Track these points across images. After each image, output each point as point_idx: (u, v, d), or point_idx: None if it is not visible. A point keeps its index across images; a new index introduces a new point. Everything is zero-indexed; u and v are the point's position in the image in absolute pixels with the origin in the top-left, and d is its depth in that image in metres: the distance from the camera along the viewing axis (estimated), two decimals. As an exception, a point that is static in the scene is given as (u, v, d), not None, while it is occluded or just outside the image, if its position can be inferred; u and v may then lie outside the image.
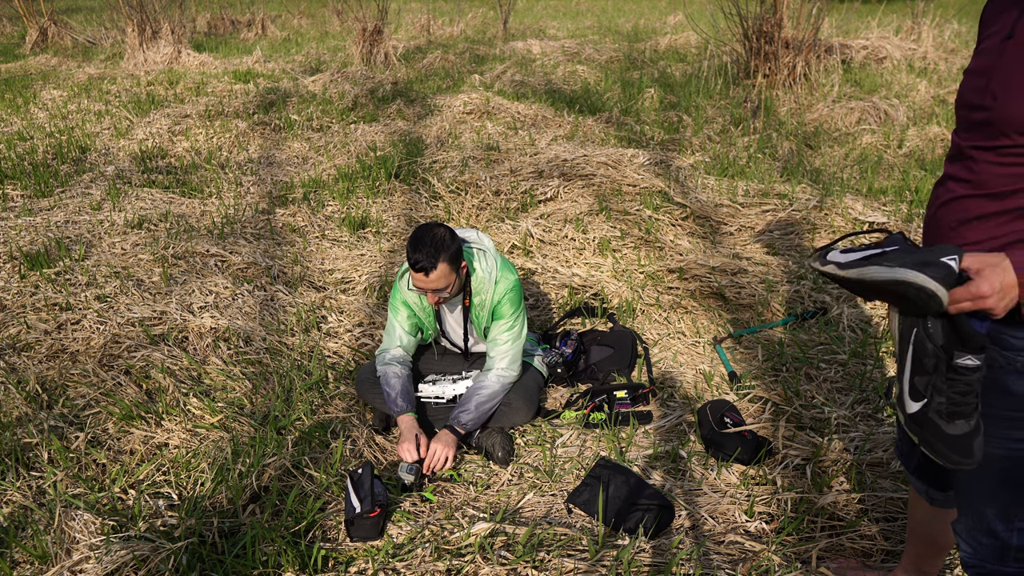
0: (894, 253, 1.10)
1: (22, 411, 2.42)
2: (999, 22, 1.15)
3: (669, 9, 16.29)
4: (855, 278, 1.12)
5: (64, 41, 11.56)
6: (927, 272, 1.04)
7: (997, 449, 1.20)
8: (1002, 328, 1.13)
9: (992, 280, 1.03)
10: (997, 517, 1.25)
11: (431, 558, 1.88)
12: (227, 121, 6.29)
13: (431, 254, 2.15)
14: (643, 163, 4.53)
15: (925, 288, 1.04)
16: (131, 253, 3.61)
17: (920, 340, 1.12)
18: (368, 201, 4.47)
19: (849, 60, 8.00)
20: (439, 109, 6.48)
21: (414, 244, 2.16)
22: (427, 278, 2.17)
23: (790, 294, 3.24)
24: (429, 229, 2.19)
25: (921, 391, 1.14)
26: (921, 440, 1.16)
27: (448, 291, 2.26)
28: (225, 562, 1.83)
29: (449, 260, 2.18)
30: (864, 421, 2.40)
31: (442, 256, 2.16)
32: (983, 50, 1.17)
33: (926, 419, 1.15)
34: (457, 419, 2.30)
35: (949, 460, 1.12)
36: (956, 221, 1.19)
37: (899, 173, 4.80)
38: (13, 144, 5.57)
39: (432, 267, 2.15)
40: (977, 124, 1.16)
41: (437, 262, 2.16)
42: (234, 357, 2.78)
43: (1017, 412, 1.16)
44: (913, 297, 1.06)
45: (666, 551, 1.90)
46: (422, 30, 12.67)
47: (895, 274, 1.07)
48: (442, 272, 2.18)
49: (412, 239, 2.18)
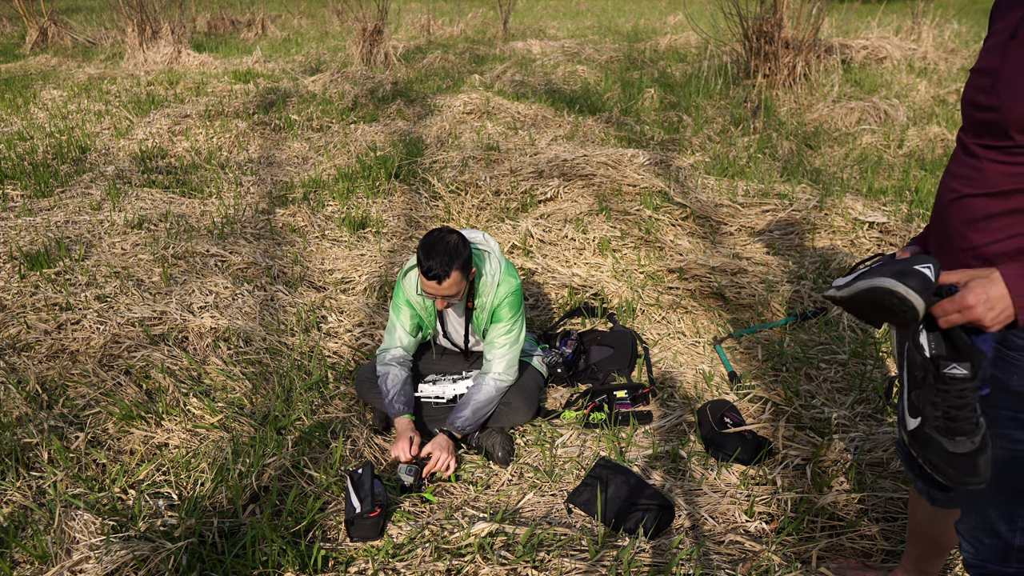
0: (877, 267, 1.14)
1: (22, 411, 2.42)
2: (1005, 19, 1.14)
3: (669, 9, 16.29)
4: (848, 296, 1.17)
5: (64, 41, 11.56)
6: (902, 280, 1.07)
7: (1000, 450, 1.19)
8: (1007, 328, 1.13)
9: (978, 291, 1.05)
10: (1000, 518, 1.24)
11: (431, 558, 1.88)
12: (227, 121, 6.29)
13: (444, 262, 2.13)
14: (643, 163, 4.53)
15: (896, 292, 1.07)
16: (131, 253, 3.61)
17: (911, 353, 1.14)
18: (368, 201, 4.47)
19: (849, 60, 8.00)
20: (439, 109, 6.48)
21: (427, 251, 2.14)
22: (440, 286, 2.17)
23: (790, 294, 3.24)
24: (442, 236, 2.17)
25: (917, 406, 1.14)
26: (923, 459, 1.15)
27: (458, 297, 2.26)
28: (225, 562, 1.83)
29: (461, 268, 2.18)
30: (864, 421, 2.39)
31: (455, 264, 2.15)
32: (989, 48, 1.16)
33: (926, 436, 1.15)
34: (453, 423, 2.30)
35: (952, 479, 1.12)
36: (961, 222, 1.18)
37: (899, 173, 4.80)
38: (13, 144, 5.57)
39: (446, 275, 2.14)
40: (982, 123, 1.15)
41: (451, 271, 2.14)
42: (234, 357, 2.78)
43: (1018, 412, 1.15)
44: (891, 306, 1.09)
45: (666, 551, 1.90)
46: (422, 30, 12.67)
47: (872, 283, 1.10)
48: (454, 280, 2.17)
49: (424, 246, 2.15)
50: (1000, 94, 1.10)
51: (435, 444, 2.24)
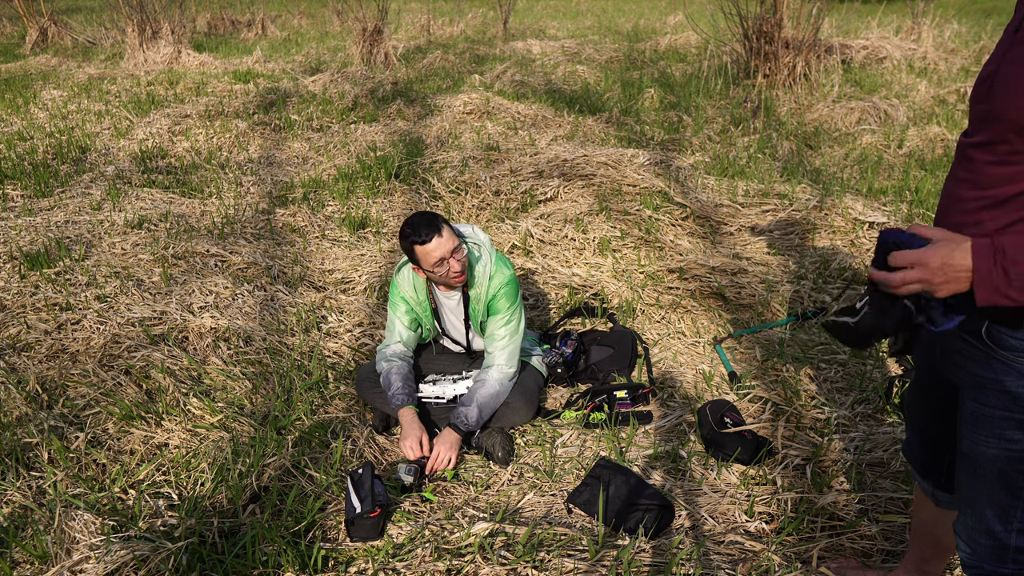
0: None
1: (22, 411, 2.42)
2: (1018, 11, 1.13)
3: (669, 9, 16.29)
4: None
5: (64, 41, 11.56)
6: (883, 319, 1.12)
7: (993, 449, 1.19)
8: (1002, 328, 1.12)
9: (943, 252, 1.02)
10: (996, 518, 1.24)
11: (431, 558, 1.88)
12: (227, 121, 6.29)
13: (430, 220, 2.23)
14: (643, 163, 4.53)
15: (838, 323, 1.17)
16: (131, 253, 3.61)
17: None
18: (368, 201, 4.47)
19: (849, 60, 8.00)
20: (439, 109, 6.48)
21: (412, 226, 2.23)
22: (442, 238, 2.22)
23: (790, 294, 3.24)
24: (414, 213, 2.30)
25: None
26: None
27: (464, 253, 2.29)
28: (225, 562, 1.83)
29: (446, 223, 2.27)
30: (864, 421, 2.39)
31: (439, 219, 2.25)
32: (1000, 40, 1.15)
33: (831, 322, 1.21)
34: (460, 417, 2.30)
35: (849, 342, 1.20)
36: (955, 221, 1.17)
37: (899, 173, 4.80)
38: (13, 144, 5.57)
39: (439, 228, 2.22)
40: (979, 117, 1.13)
41: (439, 223, 2.23)
42: (234, 357, 2.78)
43: (1012, 412, 1.15)
44: None
45: (666, 551, 1.90)
46: (422, 30, 12.67)
47: None
48: (448, 232, 2.25)
49: (406, 227, 2.24)
50: (996, 89, 1.10)
51: (440, 440, 2.26)
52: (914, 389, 1.47)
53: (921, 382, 1.43)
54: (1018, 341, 1.11)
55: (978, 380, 1.19)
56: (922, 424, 1.47)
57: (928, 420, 1.45)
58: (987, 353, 1.16)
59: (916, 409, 1.49)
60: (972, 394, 1.21)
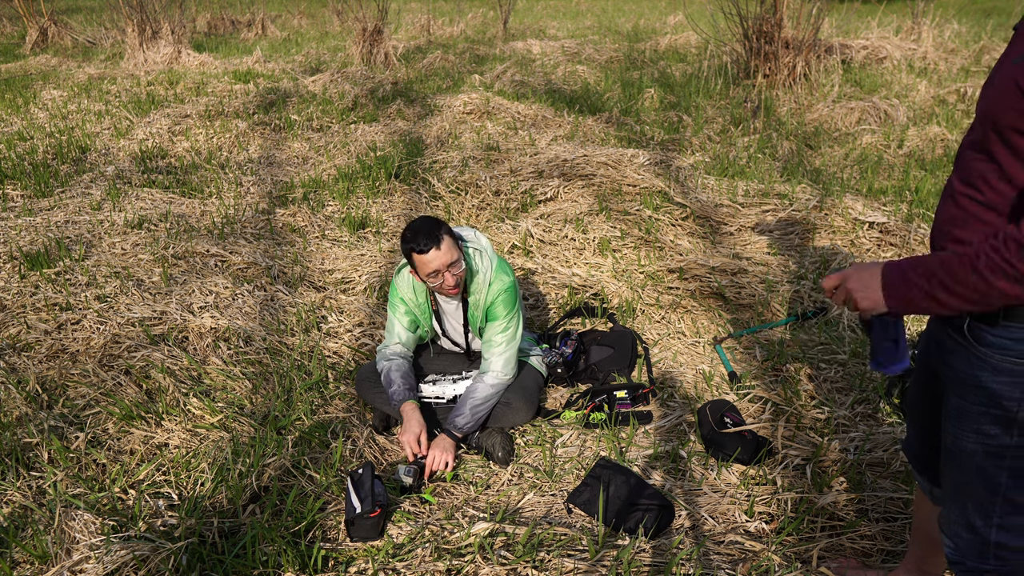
0: None
1: (22, 411, 2.42)
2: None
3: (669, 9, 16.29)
4: None
5: (64, 41, 11.56)
6: None
7: (972, 444, 1.22)
8: (982, 325, 1.15)
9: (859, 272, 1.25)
10: (976, 512, 1.26)
11: (431, 558, 1.88)
12: (227, 121, 6.29)
13: (431, 229, 2.20)
14: (643, 163, 4.53)
15: None
16: (131, 253, 3.61)
17: None
18: (368, 201, 4.47)
19: (849, 60, 8.00)
20: (439, 109, 6.48)
21: (413, 233, 2.20)
22: (439, 251, 2.20)
23: (790, 294, 3.24)
24: (417, 219, 2.26)
25: None
26: None
27: (461, 268, 2.27)
28: (225, 562, 1.83)
29: (448, 233, 2.24)
30: (864, 421, 2.40)
31: (441, 229, 2.22)
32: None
33: None
34: (452, 423, 2.31)
35: None
36: (946, 220, 1.21)
37: (899, 173, 4.80)
38: (13, 144, 5.57)
39: (439, 240, 2.20)
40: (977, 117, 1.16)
41: (440, 234, 2.21)
42: (234, 357, 2.78)
43: (989, 408, 1.18)
44: None
45: (666, 551, 1.90)
46: (422, 30, 12.67)
47: None
48: (448, 244, 2.22)
49: (407, 232, 2.22)
50: (986, 92, 1.12)
51: (435, 444, 2.26)
52: (915, 386, 1.49)
53: (920, 379, 1.45)
54: (995, 338, 1.14)
55: (960, 376, 1.22)
56: (921, 421, 1.49)
57: (926, 417, 1.46)
58: (968, 349, 1.19)
59: (916, 406, 1.50)
60: (955, 390, 1.24)
